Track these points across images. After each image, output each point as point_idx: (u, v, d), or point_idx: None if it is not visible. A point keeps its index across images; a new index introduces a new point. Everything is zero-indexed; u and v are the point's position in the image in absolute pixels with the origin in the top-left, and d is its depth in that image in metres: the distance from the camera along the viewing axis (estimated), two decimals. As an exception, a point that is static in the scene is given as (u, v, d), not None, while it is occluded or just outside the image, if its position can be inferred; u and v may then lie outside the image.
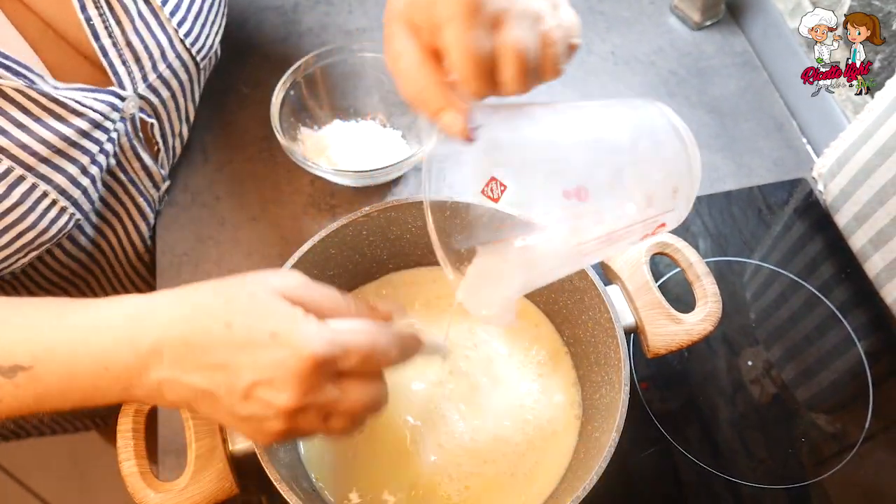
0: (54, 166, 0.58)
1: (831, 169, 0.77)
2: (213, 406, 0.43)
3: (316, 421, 0.43)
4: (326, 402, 0.43)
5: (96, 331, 0.44)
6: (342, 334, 0.43)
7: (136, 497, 0.52)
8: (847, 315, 0.74)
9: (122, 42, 0.61)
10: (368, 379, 0.45)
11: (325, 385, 0.42)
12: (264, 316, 0.42)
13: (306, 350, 0.41)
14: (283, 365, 0.41)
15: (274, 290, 0.43)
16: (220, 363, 0.42)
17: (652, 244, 0.62)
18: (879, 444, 0.67)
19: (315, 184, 0.81)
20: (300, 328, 0.41)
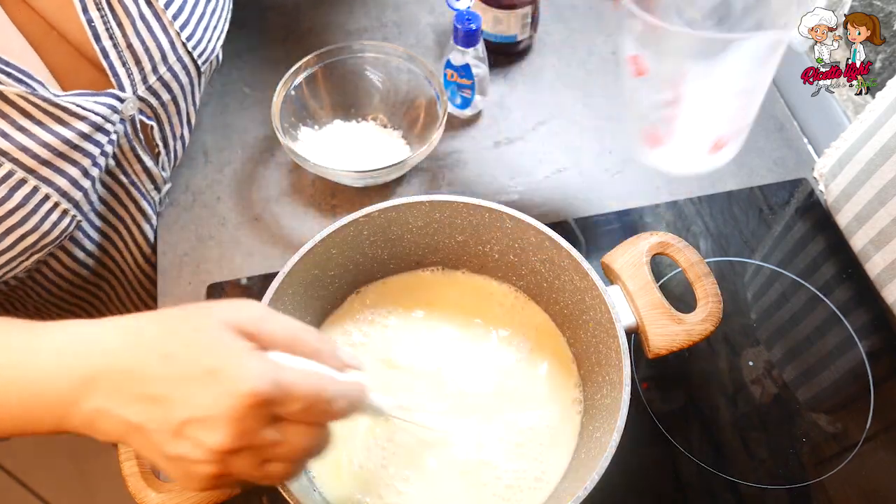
0: (56, 169, 0.58)
1: (832, 169, 0.77)
2: (143, 442, 0.41)
3: (251, 465, 0.41)
4: (263, 445, 0.40)
5: (34, 355, 0.42)
6: (288, 375, 0.40)
7: (137, 497, 0.52)
8: (848, 315, 0.73)
9: (122, 44, 0.61)
10: (311, 426, 0.42)
11: (262, 427, 0.40)
12: (206, 349, 0.40)
13: (244, 387, 0.38)
14: (218, 402, 0.38)
15: (223, 322, 0.41)
16: (154, 396, 0.40)
17: (653, 244, 0.62)
18: (880, 444, 0.67)
19: (316, 184, 0.81)
20: (242, 364, 0.39)
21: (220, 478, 0.41)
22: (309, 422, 0.42)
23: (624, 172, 0.83)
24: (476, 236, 0.66)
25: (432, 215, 0.64)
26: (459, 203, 0.63)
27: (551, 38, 0.93)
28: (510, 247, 0.65)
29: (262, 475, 0.42)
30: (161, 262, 0.76)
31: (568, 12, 0.96)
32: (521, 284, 0.68)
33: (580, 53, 0.92)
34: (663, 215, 0.80)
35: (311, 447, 0.43)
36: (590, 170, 0.83)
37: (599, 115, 0.87)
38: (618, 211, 0.80)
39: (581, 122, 0.87)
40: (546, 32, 0.94)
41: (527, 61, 0.91)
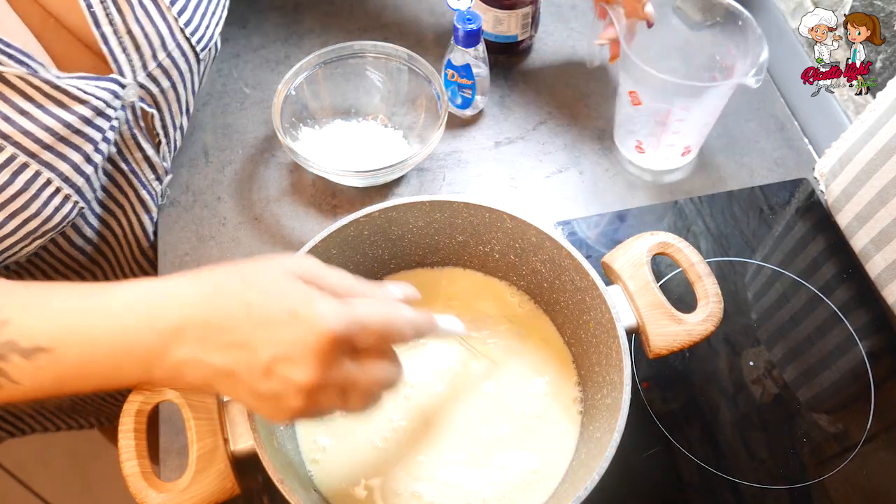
0: (58, 154, 0.58)
1: (833, 169, 0.77)
2: (233, 385, 0.43)
3: (335, 398, 0.44)
4: (345, 378, 0.44)
5: (117, 312, 0.44)
6: (359, 312, 0.43)
7: (138, 497, 0.52)
8: (848, 315, 0.73)
9: (122, 30, 0.61)
10: (384, 357, 0.46)
11: (343, 362, 0.43)
12: (283, 295, 0.43)
13: (325, 327, 0.41)
14: (302, 342, 0.41)
15: (290, 271, 0.44)
16: (240, 341, 0.42)
17: (653, 244, 0.62)
18: (881, 444, 0.67)
19: (316, 184, 0.81)
20: (318, 306, 0.42)
21: (309, 410, 0.44)
22: (382, 354, 0.46)
23: (624, 172, 0.83)
24: (476, 236, 0.66)
25: (433, 215, 0.64)
26: (460, 203, 0.63)
27: (552, 39, 0.93)
28: (511, 247, 0.65)
29: (344, 405, 0.45)
30: (161, 262, 0.76)
31: (568, 12, 0.96)
32: (521, 284, 0.68)
33: (580, 53, 0.92)
34: (664, 215, 0.80)
35: (386, 378, 0.46)
36: (590, 169, 0.83)
37: (600, 115, 0.87)
38: (618, 211, 0.80)
39: (581, 122, 0.87)
40: (547, 32, 0.94)
41: (527, 61, 0.91)
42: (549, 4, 0.96)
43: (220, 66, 0.89)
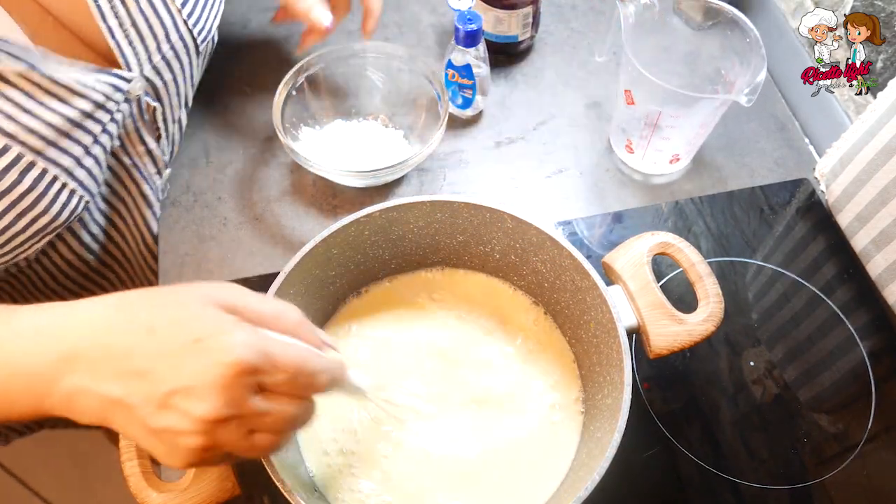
0: (61, 149, 0.58)
1: (833, 169, 0.77)
2: (126, 418, 0.40)
3: (238, 436, 0.41)
4: (250, 414, 0.40)
5: (13, 336, 0.42)
6: (274, 346, 0.41)
7: (138, 497, 0.52)
8: (849, 315, 0.73)
9: (127, 22, 0.61)
10: (296, 398, 0.43)
11: (248, 396, 0.40)
12: (191, 322, 0.40)
13: (230, 356, 0.39)
14: (205, 371, 0.39)
15: (207, 297, 0.41)
16: (137, 370, 0.39)
17: (654, 244, 0.62)
18: (882, 444, 0.67)
19: (317, 184, 0.81)
20: (227, 335, 0.39)
21: (208, 450, 0.41)
22: (294, 393, 0.43)
23: (625, 173, 0.83)
24: (477, 236, 0.66)
25: (433, 215, 0.64)
26: (460, 203, 0.63)
27: (552, 39, 0.93)
28: (511, 247, 0.65)
29: (249, 446, 0.42)
30: (162, 263, 0.76)
31: (569, 12, 0.96)
32: (521, 284, 0.68)
33: (581, 53, 0.92)
34: (664, 215, 0.80)
35: (297, 418, 0.43)
36: (591, 170, 0.83)
37: (600, 115, 0.87)
38: (619, 211, 0.80)
39: (582, 123, 0.87)
40: (547, 32, 0.94)
41: (528, 61, 0.91)
42: (550, 4, 0.96)
43: (222, 66, 0.89)
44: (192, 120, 0.84)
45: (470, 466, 0.60)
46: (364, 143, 0.81)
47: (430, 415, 0.62)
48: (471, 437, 0.62)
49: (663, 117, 0.75)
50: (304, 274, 0.60)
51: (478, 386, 0.64)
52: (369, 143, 0.81)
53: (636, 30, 0.73)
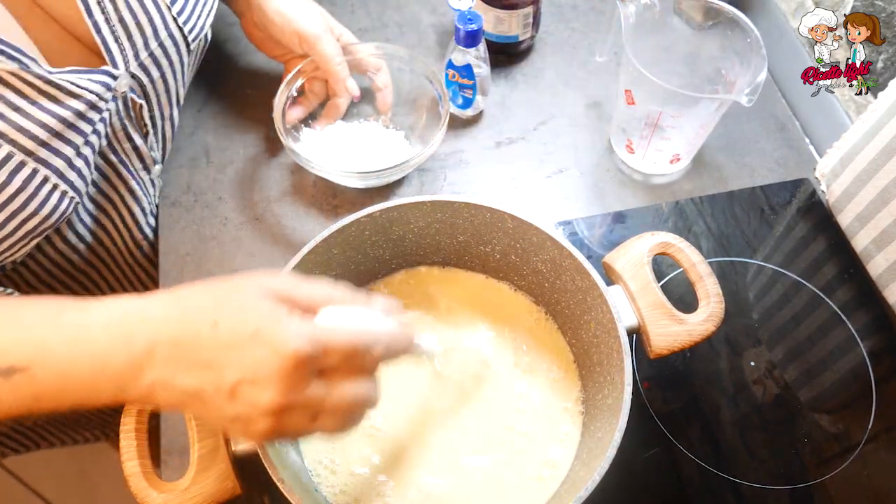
0: (53, 150, 0.58)
1: (834, 169, 0.77)
2: (202, 407, 0.43)
3: (303, 419, 0.43)
4: (312, 400, 0.42)
5: (92, 331, 0.43)
6: (325, 332, 0.42)
7: (139, 497, 0.52)
8: (850, 316, 0.73)
9: (114, 18, 0.61)
10: (355, 376, 0.44)
11: (308, 383, 0.42)
12: (249, 314, 0.42)
13: (287, 348, 0.41)
14: (264, 363, 0.41)
15: (262, 288, 0.43)
16: (206, 362, 0.42)
17: (654, 244, 0.62)
18: (882, 444, 0.67)
19: (317, 184, 0.81)
20: (282, 326, 0.41)
21: (278, 432, 0.43)
22: (353, 373, 0.44)
23: (625, 173, 0.83)
24: (477, 236, 0.66)
25: (434, 215, 0.64)
26: (461, 203, 0.63)
27: (553, 39, 0.93)
28: (511, 247, 0.65)
29: (317, 427, 0.44)
30: (163, 263, 0.76)
31: (569, 12, 0.96)
32: (522, 284, 0.68)
33: (581, 53, 0.92)
34: (665, 215, 0.80)
35: (359, 398, 0.44)
36: (591, 170, 0.83)
37: (601, 115, 0.87)
38: (619, 211, 0.80)
39: (582, 123, 0.87)
40: (547, 32, 0.94)
41: (528, 61, 0.91)
42: (550, 4, 0.96)
43: (222, 67, 0.89)
44: (191, 120, 0.84)
45: (470, 469, 0.60)
46: (365, 143, 0.81)
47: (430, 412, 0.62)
48: (470, 436, 0.62)
49: (664, 117, 0.75)
50: (304, 274, 0.60)
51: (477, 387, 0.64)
52: (370, 144, 0.81)
53: (636, 30, 0.73)
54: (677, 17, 0.77)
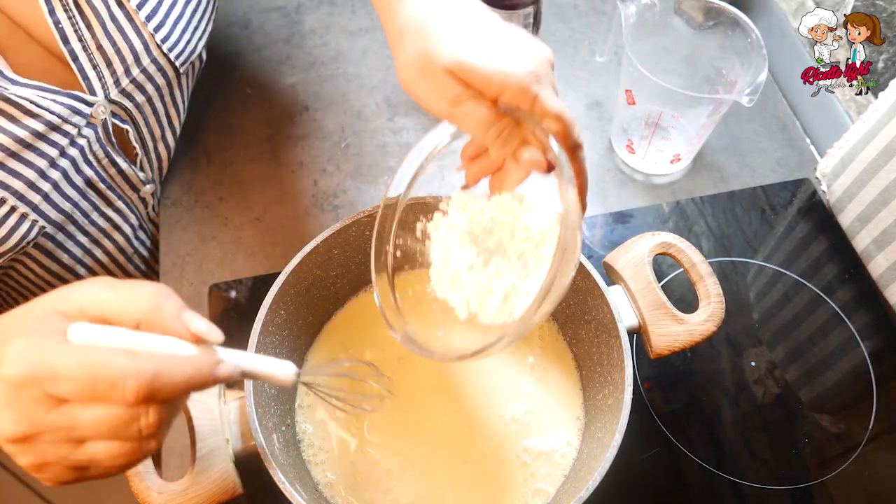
0: (9, 170, 0.56)
1: (835, 169, 0.77)
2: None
3: (61, 450, 0.38)
4: (58, 426, 0.37)
5: None
6: (55, 356, 0.37)
7: (140, 497, 0.52)
8: (850, 316, 0.73)
9: (92, 46, 0.59)
10: (105, 403, 0.38)
11: (42, 408, 0.37)
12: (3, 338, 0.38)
13: (6, 371, 0.37)
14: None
15: (49, 306, 0.39)
16: None
17: (655, 244, 0.62)
18: (883, 444, 0.67)
19: (318, 184, 0.81)
20: (10, 347, 0.37)
21: (43, 468, 0.39)
22: (98, 401, 0.38)
23: (626, 173, 0.83)
24: (478, 236, 0.66)
25: (434, 215, 0.64)
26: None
27: (553, 39, 0.93)
28: (512, 247, 0.65)
29: (87, 459, 0.39)
30: (163, 263, 0.76)
31: (570, 12, 0.96)
32: (523, 285, 0.68)
33: (582, 54, 0.92)
34: (665, 215, 0.80)
35: (119, 425, 0.38)
36: (592, 170, 0.83)
37: (601, 115, 0.87)
38: (620, 211, 0.80)
39: (583, 123, 0.87)
40: (548, 32, 0.94)
41: (529, 62, 0.91)
42: (551, 4, 0.96)
43: (222, 67, 0.89)
44: (192, 120, 0.84)
45: (470, 468, 0.60)
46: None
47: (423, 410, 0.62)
48: (470, 437, 0.62)
49: (664, 117, 0.75)
50: (305, 274, 0.60)
51: (478, 386, 0.64)
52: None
53: (637, 30, 0.73)
54: (678, 17, 0.77)
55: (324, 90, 0.88)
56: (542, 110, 0.45)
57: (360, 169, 0.82)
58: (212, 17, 0.71)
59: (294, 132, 0.85)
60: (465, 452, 0.61)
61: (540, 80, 0.46)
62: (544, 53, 0.48)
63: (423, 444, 0.61)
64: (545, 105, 0.45)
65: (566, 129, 0.46)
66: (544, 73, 0.46)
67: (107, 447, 0.39)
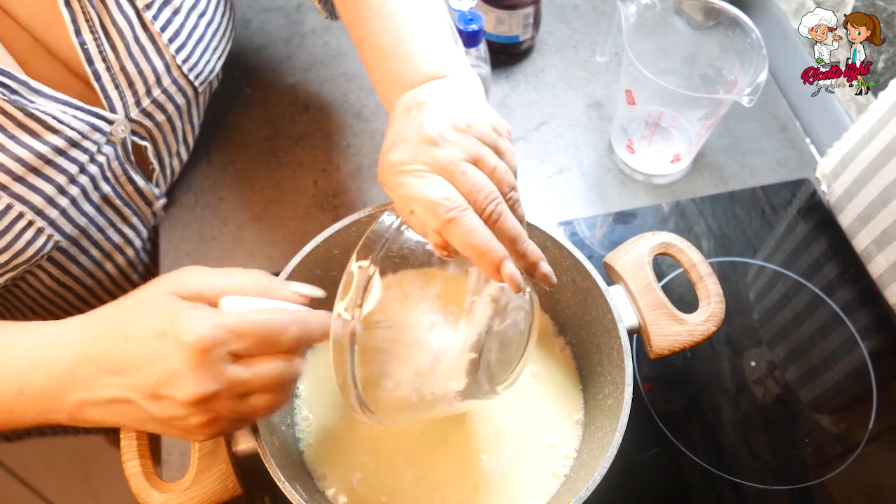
0: (29, 185, 0.56)
1: (835, 169, 0.77)
2: (136, 415, 0.44)
3: (233, 404, 0.44)
4: (234, 382, 0.43)
5: (12, 354, 0.45)
6: (229, 318, 0.43)
7: (140, 497, 0.52)
8: (851, 316, 0.73)
9: (116, 67, 0.59)
10: (273, 356, 0.45)
11: (223, 367, 0.43)
12: (151, 317, 0.43)
13: (190, 337, 0.41)
14: (173, 358, 0.42)
15: (162, 291, 0.44)
16: (125, 372, 0.43)
17: (655, 244, 0.62)
18: (883, 444, 0.67)
19: (318, 184, 0.81)
20: (182, 320, 0.42)
21: (213, 424, 0.44)
22: (269, 354, 0.45)
23: (626, 173, 0.83)
24: (478, 236, 0.66)
25: (434, 215, 0.64)
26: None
27: (553, 39, 0.93)
28: (512, 247, 0.65)
29: (251, 410, 0.45)
30: (163, 263, 0.76)
31: (570, 12, 0.96)
32: (523, 285, 0.68)
33: (582, 54, 0.92)
34: (665, 215, 0.80)
35: (282, 374, 0.45)
36: (592, 170, 0.83)
37: (601, 115, 0.87)
38: (620, 211, 0.80)
39: (583, 123, 0.87)
40: (548, 32, 0.94)
41: (529, 61, 0.91)
42: (551, 4, 0.96)
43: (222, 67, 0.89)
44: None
45: (469, 468, 0.60)
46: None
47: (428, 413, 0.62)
48: (470, 437, 0.62)
49: (664, 117, 0.75)
50: (305, 274, 0.60)
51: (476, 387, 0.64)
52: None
53: (637, 30, 0.73)
54: (678, 17, 0.77)
55: (324, 90, 0.88)
56: (403, 198, 0.48)
57: (360, 169, 0.82)
58: (231, 37, 0.72)
59: (294, 132, 0.85)
60: (465, 453, 0.61)
61: (406, 162, 0.47)
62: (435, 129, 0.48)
63: (419, 441, 0.61)
64: (404, 193, 0.47)
65: (429, 210, 0.46)
66: (416, 154, 0.47)
67: (264, 399, 0.45)
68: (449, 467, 0.60)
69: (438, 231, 0.46)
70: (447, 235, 0.46)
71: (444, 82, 0.52)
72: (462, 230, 0.45)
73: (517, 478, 0.60)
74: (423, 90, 0.51)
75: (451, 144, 0.47)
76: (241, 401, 0.44)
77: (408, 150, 0.48)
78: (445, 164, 0.47)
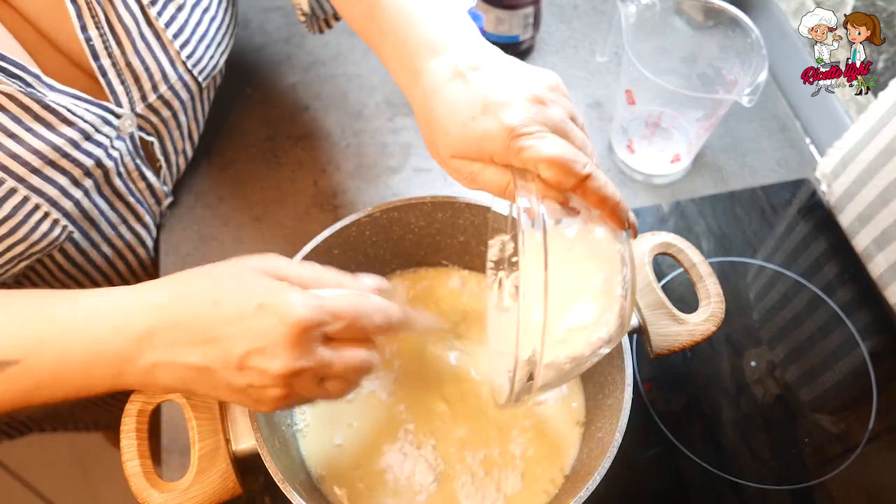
0: (45, 177, 0.57)
1: (835, 169, 0.77)
2: (210, 382, 0.45)
3: (312, 384, 0.46)
4: (319, 364, 0.45)
5: (86, 320, 0.45)
6: (327, 300, 0.45)
7: (140, 497, 0.52)
8: (851, 315, 0.73)
9: (121, 63, 0.60)
10: (359, 342, 0.47)
11: (315, 348, 0.44)
12: (250, 290, 0.44)
13: (293, 316, 0.43)
14: (272, 332, 0.43)
15: (257, 268, 0.46)
16: (212, 338, 0.43)
17: (655, 244, 0.62)
18: (883, 444, 0.67)
19: (318, 184, 0.81)
20: (285, 297, 0.43)
21: (287, 398, 0.45)
22: (356, 339, 0.47)
23: (626, 173, 0.83)
24: (478, 236, 0.66)
25: (434, 215, 0.64)
26: (462, 203, 0.63)
27: (553, 39, 0.93)
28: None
29: (323, 393, 0.47)
30: (163, 263, 0.76)
31: (570, 12, 0.96)
32: (523, 284, 0.68)
33: (582, 54, 0.92)
34: (665, 215, 0.80)
35: (362, 362, 0.47)
36: (592, 170, 0.83)
37: (602, 115, 0.87)
38: (620, 211, 0.80)
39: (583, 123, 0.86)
40: (548, 32, 0.94)
41: (529, 61, 0.91)
42: (551, 4, 0.96)
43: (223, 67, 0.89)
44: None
45: (468, 467, 0.60)
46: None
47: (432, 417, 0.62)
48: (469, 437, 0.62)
49: (664, 117, 0.75)
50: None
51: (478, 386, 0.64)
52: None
53: (637, 30, 0.73)
54: (678, 17, 0.77)
55: (324, 90, 0.88)
56: (531, 161, 0.46)
57: (360, 169, 0.82)
58: (234, 31, 0.72)
59: (294, 132, 0.85)
60: (464, 454, 0.61)
61: (526, 124, 0.46)
62: (535, 89, 0.48)
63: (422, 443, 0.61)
64: (532, 155, 0.45)
65: (563, 169, 0.45)
66: (532, 115, 0.46)
67: (339, 385, 0.47)
68: (447, 469, 0.60)
69: (570, 188, 0.46)
70: (583, 191, 0.46)
71: (479, 46, 0.51)
72: (598, 184, 0.47)
73: (517, 478, 0.60)
74: (465, 55, 0.50)
75: (555, 103, 0.48)
76: (319, 383, 0.46)
77: (520, 111, 0.46)
78: (558, 123, 0.47)
